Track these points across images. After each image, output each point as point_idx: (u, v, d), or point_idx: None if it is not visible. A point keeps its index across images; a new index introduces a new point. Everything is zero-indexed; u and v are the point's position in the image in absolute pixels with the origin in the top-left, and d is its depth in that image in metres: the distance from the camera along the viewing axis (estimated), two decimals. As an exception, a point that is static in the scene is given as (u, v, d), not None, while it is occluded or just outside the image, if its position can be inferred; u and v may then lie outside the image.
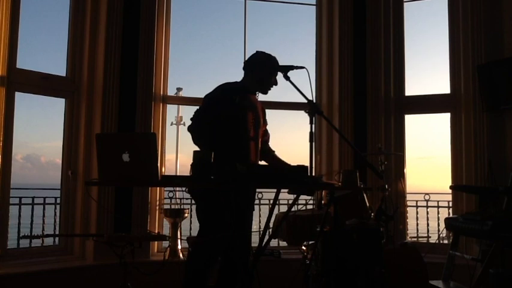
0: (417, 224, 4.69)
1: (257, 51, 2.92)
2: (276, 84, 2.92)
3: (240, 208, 2.69)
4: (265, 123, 3.06)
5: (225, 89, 2.88)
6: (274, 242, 4.21)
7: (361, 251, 2.78)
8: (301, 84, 2.39)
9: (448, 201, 4.37)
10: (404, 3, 4.61)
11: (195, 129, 2.75)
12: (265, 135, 3.08)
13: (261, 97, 3.04)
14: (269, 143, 3.12)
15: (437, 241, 4.37)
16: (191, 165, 2.28)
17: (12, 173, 3.63)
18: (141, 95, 4.05)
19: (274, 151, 3.10)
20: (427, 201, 4.48)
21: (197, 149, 2.62)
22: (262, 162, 3.02)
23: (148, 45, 4.11)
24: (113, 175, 2.02)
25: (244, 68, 2.92)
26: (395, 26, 4.54)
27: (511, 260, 2.98)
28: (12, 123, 3.63)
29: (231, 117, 2.76)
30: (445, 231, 3.75)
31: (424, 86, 5.34)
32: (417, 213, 4.61)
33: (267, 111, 3.13)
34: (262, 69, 2.85)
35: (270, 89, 2.92)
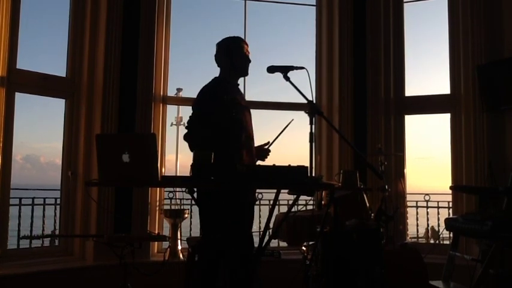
0: (417, 225, 4.69)
1: (216, 44, 2.92)
2: (247, 59, 2.88)
3: (241, 208, 2.69)
4: None
5: (209, 90, 2.85)
6: (274, 243, 4.21)
7: (361, 251, 2.78)
8: (301, 84, 2.39)
9: (448, 202, 4.37)
10: (404, 3, 4.60)
11: (191, 138, 2.74)
12: None
13: (261, 97, 3.03)
14: None
15: (437, 241, 4.37)
16: (191, 165, 2.28)
17: (12, 174, 3.63)
18: (141, 95, 4.05)
19: None
20: (427, 201, 4.47)
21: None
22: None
23: (148, 46, 4.11)
24: (112, 175, 2.02)
25: (218, 65, 2.92)
26: (395, 26, 4.54)
27: (511, 260, 2.98)
28: (12, 124, 3.63)
29: (227, 117, 2.74)
30: (445, 231, 3.74)
31: (424, 86, 5.34)
32: (417, 213, 4.61)
33: (266, 111, 3.12)
34: (227, 55, 2.85)
35: (246, 67, 2.90)
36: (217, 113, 2.73)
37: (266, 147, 2.97)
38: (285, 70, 2.41)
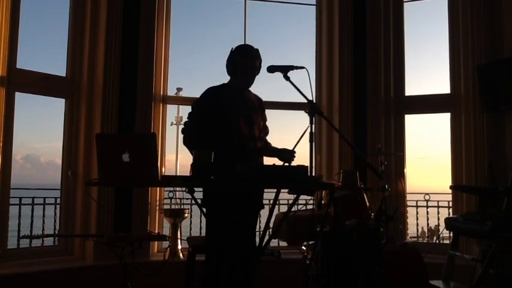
0: (417, 225, 4.69)
1: (231, 49, 2.93)
2: (252, 71, 2.87)
3: (241, 210, 2.69)
4: (263, 119, 3.02)
5: (208, 93, 2.87)
6: (274, 242, 4.20)
7: (361, 251, 2.78)
8: (301, 84, 2.39)
9: (448, 201, 4.37)
10: (404, 3, 4.60)
11: (188, 142, 2.77)
12: (264, 131, 3.03)
13: (261, 97, 3.04)
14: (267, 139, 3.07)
15: (437, 241, 4.37)
16: (191, 165, 2.28)
17: (12, 173, 3.63)
18: (141, 95, 4.06)
19: (270, 143, 3.06)
20: (427, 201, 4.47)
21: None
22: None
23: (148, 45, 4.11)
24: (113, 175, 2.02)
25: (227, 71, 2.94)
26: (395, 26, 4.54)
27: (511, 260, 2.98)
28: (12, 124, 3.63)
29: (220, 120, 2.76)
30: (445, 231, 3.75)
31: (424, 86, 5.34)
32: (417, 213, 4.61)
33: (266, 111, 3.10)
34: (235, 62, 2.86)
35: (250, 79, 2.89)
36: (211, 116, 2.75)
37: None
38: (285, 70, 2.41)
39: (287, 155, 2.86)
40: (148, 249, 3.97)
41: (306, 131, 2.61)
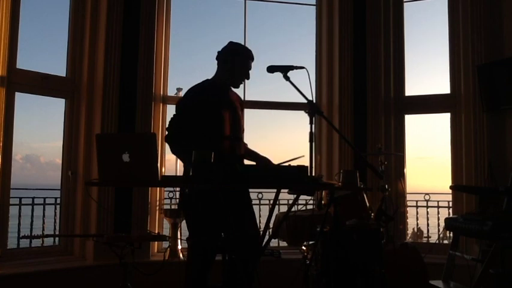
0: (417, 224, 4.69)
1: (229, 42, 2.85)
2: (247, 77, 2.83)
3: (236, 208, 2.68)
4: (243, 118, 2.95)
5: (194, 92, 2.80)
6: (274, 242, 4.21)
7: (361, 251, 2.78)
8: (301, 84, 2.39)
9: (448, 201, 4.37)
10: (404, 3, 4.61)
11: (171, 140, 2.75)
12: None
13: (261, 97, 3.03)
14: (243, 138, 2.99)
15: (437, 241, 4.37)
16: (184, 165, 2.27)
17: (12, 174, 3.63)
18: (141, 95, 4.05)
19: (246, 144, 2.99)
20: (427, 201, 4.48)
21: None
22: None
23: (149, 45, 4.11)
24: (112, 175, 2.02)
25: (216, 58, 2.84)
26: (395, 26, 4.54)
27: (511, 260, 2.98)
28: (12, 124, 3.64)
29: (205, 119, 2.71)
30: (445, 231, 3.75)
31: (424, 86, 5.34)
32: (417, 213, 4.62)
33: (266, 111, 3.10)
34: (234, 58, 2.79)
35: (241, 82, 2.86)
36: (197, 115, 2.71)
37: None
38: (285, 70, 2.41)
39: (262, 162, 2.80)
40: (148, 249, 3.97)
41: (299, 157, 2.60)
